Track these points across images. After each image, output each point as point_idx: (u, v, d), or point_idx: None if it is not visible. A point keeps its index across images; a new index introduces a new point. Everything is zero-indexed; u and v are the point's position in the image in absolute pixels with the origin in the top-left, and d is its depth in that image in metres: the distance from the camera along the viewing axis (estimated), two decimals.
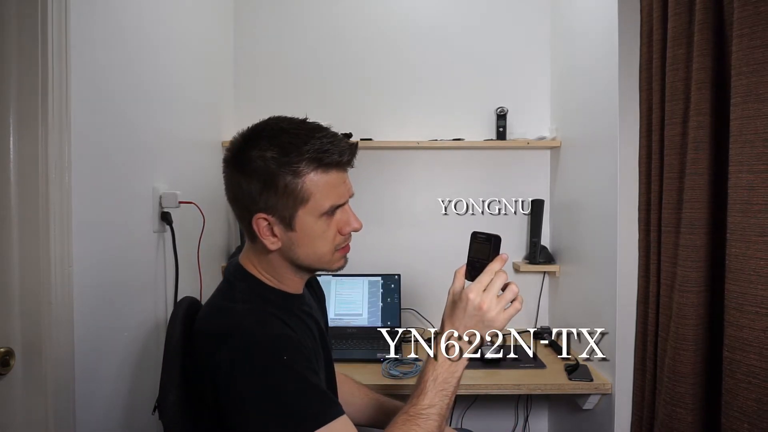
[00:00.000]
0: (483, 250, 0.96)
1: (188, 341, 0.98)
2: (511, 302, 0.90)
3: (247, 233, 0.97)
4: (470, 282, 0.93)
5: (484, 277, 0.90)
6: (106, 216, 1.30)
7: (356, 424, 1.15)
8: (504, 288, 0.91)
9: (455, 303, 0.92)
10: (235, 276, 0.99)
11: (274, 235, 0.93)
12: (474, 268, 0.95)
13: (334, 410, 0.84)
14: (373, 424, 1.25)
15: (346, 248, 1.01)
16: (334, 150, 0.90)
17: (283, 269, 0.98)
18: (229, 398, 0.83)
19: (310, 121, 0.95)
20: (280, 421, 0.81)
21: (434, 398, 0.88)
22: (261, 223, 0.92)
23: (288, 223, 0.91)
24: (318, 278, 1.29)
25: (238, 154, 0.92)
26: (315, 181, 0.89)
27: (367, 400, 1.27)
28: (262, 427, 0.81)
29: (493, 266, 0.91)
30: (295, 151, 0.88)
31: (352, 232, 0.99)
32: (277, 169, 0.88)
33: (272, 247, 0.93)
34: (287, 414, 0.81)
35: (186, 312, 1.03)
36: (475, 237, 0.98)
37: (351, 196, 0.98)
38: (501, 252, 0.94)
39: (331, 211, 0.93)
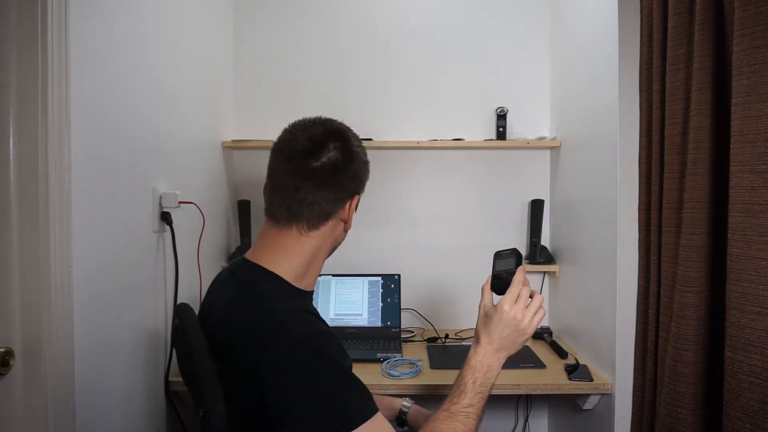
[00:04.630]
0: (507, 262, 1.07)
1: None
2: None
3: (320, 218, 0.97)
4: (497, 295, 1.05)
5: (513, 289, 1.01)
6: (106, 216, 1.29)
7: None
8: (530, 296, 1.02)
9: (489, 316, 1.01)
10: (253, 275, 0.96)
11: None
12: (500, 279, 1.05)
13: (373, 405, 0.87)
14: None
15: None
16: None
17: (319, 260, 1.01)
18: (275, 398, 0.82)
19: None
20: (328, 418, 0.82)
21: (473, 399, 0.96)
22: (352, 202, 1.01)
23: (356, 205, 1.03)
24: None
25: (329, 139, 0.97)
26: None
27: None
28: (311, 425, 0.81)
29: (519, 277, 1.02)
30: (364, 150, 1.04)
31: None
32: (364, 157, 1.03)
33: (349, 227, 1.04)
34: (335, 411, 0.82)
35: (195, 319, 1.00)
36: (499, 254, 1.10)
37: None
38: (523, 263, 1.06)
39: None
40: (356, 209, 1.04)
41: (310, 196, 0.95)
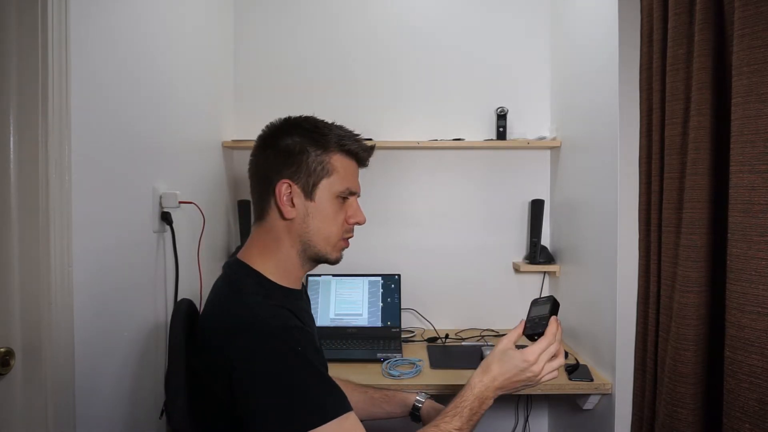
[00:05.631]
0: (541, 308, 1.07)
1: (192, 342, 0.98)
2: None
3: (262, 209, 1.01)
4: (526, 338, 1.04)
5: (543, 342, 1.00)
6: (106, 216, 1.29)
7: None
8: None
9: (509, 356, 1.00)
10: (238, 273, 1.00)
11: (292, 204, 0.99)
12: (533, 323, 1.05)
13: (345, 404, 0.86)
14: (368, 417, 1.28)
15: (347, 242, 1.06)
16: (355, 142, 1.03)
17: (290, 256, 1.00)
18: (243, 389, 0.84)
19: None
20: (295, 411, 0.82)
21: (465, 424, 0.96)
22: (284, 189, 0.98)
23: (309, 193, 0.98)
24: (316, 278, 1.31)
25: (275, 132, 1.02)
26: (339, 160, 1.01)
27: (357, 395, 1.29)
28: (277, 417, 0.82)
29: (552, 329, 1.01)
30: (325, 135, 1.00)
31: (355, 228, 1.07)
32: (309, 144, 0.99)
33: (288, 215, 0.98)
34: (302, 404, 0.82)
35: (186, 315, 1.03)
36: (536, 302, 1.11)
37: (359, 194, 1.07)
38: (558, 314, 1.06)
39: (345, 196, 1.02)
40: (292, 203, 0.98)
41: (253, 190, 1.04)
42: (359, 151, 1.04)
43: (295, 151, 0.98)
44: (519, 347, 1.02)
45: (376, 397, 1.28)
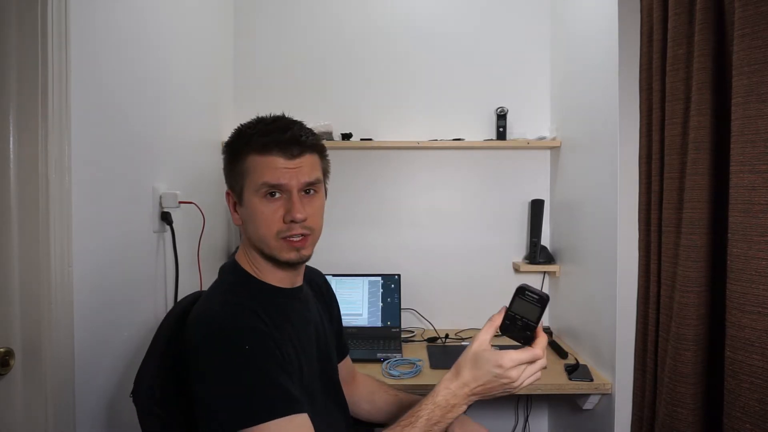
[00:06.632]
0: (531, 310, 0.91)
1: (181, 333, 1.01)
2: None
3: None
4: (502, 334, 0.92)
5: (525, 355, 0.88)
6: (106, 216, 1.29)
7: (380, 424, 1.20)
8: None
9: (483, 358, 0.90)
10: (226, 270, 1.06)
11: (236, 212, 1.04)
12: (514, 325, 0.91)
13: (289, 407, 0.86)
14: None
15: (297, 242, 0.97)
16: (272, 135, 0.96)
17: (258, 257, 1.02)
18: (196, 379, 0.88)
19: (286, 116, 1.03)
20: (232, 409, 0.84)
21: None
22: (228, 198, 1.05)
23: (240, 199, 1.01)
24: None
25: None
26: (252, 160, 0.97)
27: (387, 397, 1.29)
28: (212, 411, 0.85)
29: (542, 341, 0.90)
30: (246, 137, 0.99)
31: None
32: (234, 151, 1.01)
33: (235, 222, 1.05)
34: (239, 403, 0.84)
35: (187, 306, 1.05)
36: (524, 293, 0.92)
37: (302, 186, 0.97)
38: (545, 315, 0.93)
39: (269, 192, 0.96)
40: (236, 210, 1.03)
41: None
42: (270, 145, 0.95)
43: (227, 160, 1.03)
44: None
45: (405, 401, 1.26)
